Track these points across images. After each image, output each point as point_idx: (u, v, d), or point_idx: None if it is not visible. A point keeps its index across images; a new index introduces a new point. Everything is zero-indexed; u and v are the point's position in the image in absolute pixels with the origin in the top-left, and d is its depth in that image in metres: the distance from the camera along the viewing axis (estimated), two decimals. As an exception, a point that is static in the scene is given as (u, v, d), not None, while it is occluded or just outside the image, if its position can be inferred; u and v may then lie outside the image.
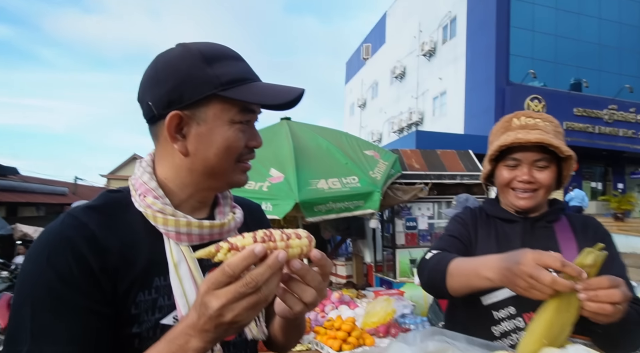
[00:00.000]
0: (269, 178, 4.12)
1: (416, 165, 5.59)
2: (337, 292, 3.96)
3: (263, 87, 0.81)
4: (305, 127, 4.98)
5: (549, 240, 1.26)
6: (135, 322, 0.73)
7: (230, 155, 0.80)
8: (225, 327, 0.61)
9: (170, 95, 0.76)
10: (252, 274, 0.60)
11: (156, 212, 0.77)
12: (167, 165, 0.82)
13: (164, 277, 0.76)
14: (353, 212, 4.09)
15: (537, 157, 1.22)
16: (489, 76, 16.99)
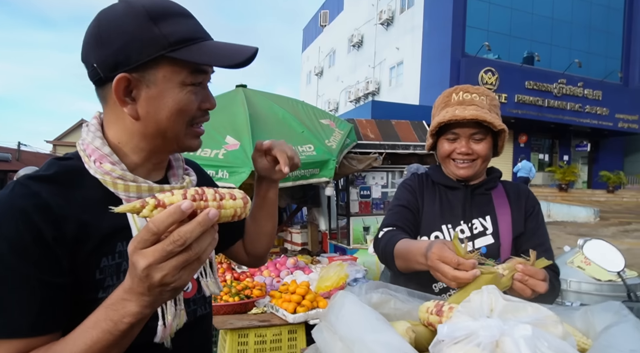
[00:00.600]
0: (224, 146, 4.06)
1: (371, 135, 5.68)
2: (292, 258, 4.05)
3: (215, 46, 0.78)
4: (261, 95, 4.90)
5: (487, 206, 1.37)
6: (100, 287, 0.73)
7: (182, 118, 0.78)
8: (157, 289, 0.58)
9: (116, 57, 0.73)
10: (179, 231, 0.55)
11: (116, 179, 0.76)
12: (119, 129, 0.80)
13: (127, 242, 0.70)
14: (309, 180, 4.14)
15: (474, 131, 1.31)
16: (445, 47, 17.18)
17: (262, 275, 3.72)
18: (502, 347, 0.47)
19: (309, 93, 30.84)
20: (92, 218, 0.74)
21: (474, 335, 0.48)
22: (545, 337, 0.47)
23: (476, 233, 1.33)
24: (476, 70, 16.69)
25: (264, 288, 3.30)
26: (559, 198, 16.35)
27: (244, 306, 3.00)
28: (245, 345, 2.72)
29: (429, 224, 1.37)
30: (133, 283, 0.59)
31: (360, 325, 0.56)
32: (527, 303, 0.54)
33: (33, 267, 0.66)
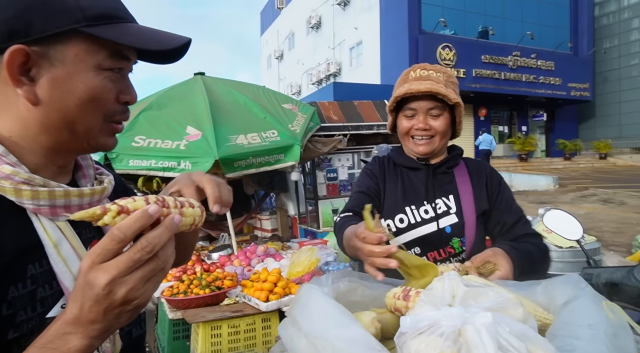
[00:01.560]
0: (185, 137, 3.94)
1: (334, 117, 5.67)
2: (263, 246, 4.02)
3: (140, 29, 0.68)
4: (220, 82, 4.77)
5: (449, 184, 1.38)
6: (10, 325, 0.58)
7: (96, 108, 0.65)
8: (117, 309, 0.50)
9: (11, 24, 0.59)
10: (147, 237, 0.50)
11: (20, 184, 0.60)
12: (9, 118, 0.64)
13: (40, 263, 0.62)
14: (273, 166, 4.09)
15: (430, 106, 1.31)
16: (403, 25, 17.28)
17: (233, 265, 3.67)
18: (464, 335, 0.46)
19: (270, 77, 30.40)
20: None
21: (437, 326, 0.48)
22: (506, 322, 0.47)
23: (440, 213, 1.34)
24: (434, 46, 16.91)
25: (235, 278, 3.27)
26: (519, 168, 16.85)
27: (216, 298, 2.96)
28: (219, 336, 2.70)
29: (392, 207, 1.37)
30: (82, 310, 0.49)
31: (324, 320, 0.55)
32: (488, 288, 0.55)
33: None
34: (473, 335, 0.45)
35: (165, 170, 3.79)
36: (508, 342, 0.45)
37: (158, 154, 3.81)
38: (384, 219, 1.37)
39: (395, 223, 1.35)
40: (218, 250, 4.33)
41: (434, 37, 17.26)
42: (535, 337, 0.47)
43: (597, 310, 0.55)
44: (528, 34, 18.82)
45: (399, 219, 1.35)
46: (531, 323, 0.51)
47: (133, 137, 3.89)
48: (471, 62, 17.62)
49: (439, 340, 0.46)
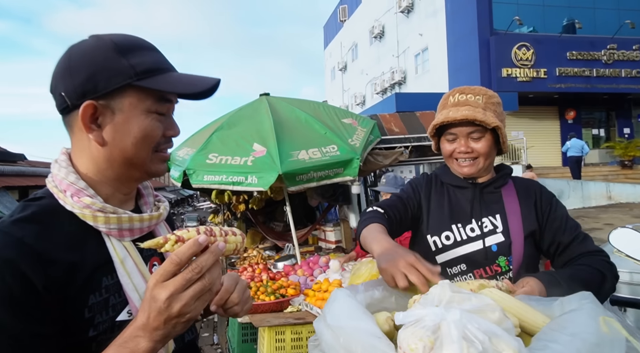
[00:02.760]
0: (252, 153, 4.24)
1: (395, 129, 5.71)
2: (325, 257, 4.19)
3: (178, 76, 0.83)
4: (283, 101, 5.06)
5: (496, 203, 1.39)
6: (90, 325, 0.73)
7: (147, 144, 0.81)
8: (174, 320, 0.63)
9: (84, 86, 0.76)
10: (197, 260, 0.64)
11: (96, 212, 0.76)
12: (85, 159, 0.81)
13: (111, 276, 0.77)
14: (333, 179, 4.25)
15: (470, 130, 1.34)
16: (472, 27, 16.35)
17: (297, 274, 3.87)
18: (441, 328, 0.57)
19: (334, 89, 30.88)
20: (76, 256, 0.73)
21: (421, 321, 0.59)
22: (476, 320, 0.57)
23: (486, 231, 1.35)
24: (508, 47, 15.69)
25: (298, 287, 3.46)
26: (621, 176, 14.82)
27: (280, 304, 3.16)
28: (283, 341, 2.89)
29: (439, 224, 1.40)
30: (149, 319, 0.63)
31: (344, 315, 0.68)
32: (472, 295, 0.64)
33: (23, 321, 0.66)
34: (446, 328, 0.56)
35: (234, 184, 4.11)
36: (474, 335, 0.55)
37: (228, 169, 4.15)
38: (430, 235, 1.41)
39: (441, 240, 1.38)
40: (283, 259, 4.57)
41: (508, 37, 15.93)
42: (501, 333, 0.56)
43: (586, 322, 0.62)
44: (627, 22, 16.24)
45: (445, 236, 1.38)
46: (506, 325, 0.60)
47: (207, 155, 4.28)
48: (554, 60, 15.92)
49: (422, 331, 0.57)
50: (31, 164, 15.68)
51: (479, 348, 0.53)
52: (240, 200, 5.97)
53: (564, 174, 14.37)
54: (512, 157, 14.88)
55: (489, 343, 0.54)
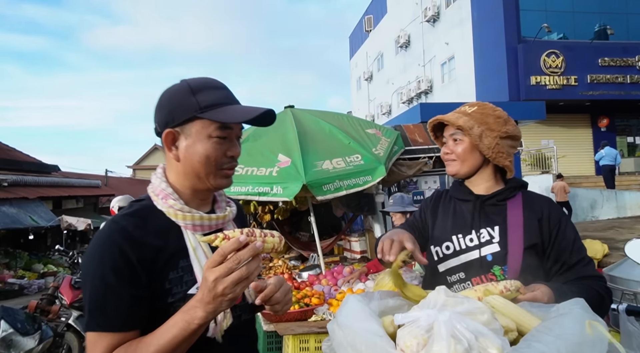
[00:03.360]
0: (277, 164, 4.36)
1: (419, 139, 5.73)
2: (349, 267, 4.23)
3: (234, 108, 1.05)
4: (307, 113, 5.18)
5: (497, 215, 1.45)
6: (169, 294, 0.98)
7: (210, 162, 1.03)
8: (219, 298, 0.83)
9: (166, 118, 1.04)
10: (237, 254, 0.83)
11: (177, 211, 1.03)
12: (172, 172, 1.09)
13: (186, 259, 1.02)
14: (362, 187, 4.30)
15: (451, 132, 1.46)
16: (499, 35, 16.14)
17: (321, 284, 3.93)
18: (434, 328, 0.63)
19: (360, 99, 30.98)
20: (161, 242, 1.00)
21: (417, 321, 0.65)
22: (465, 321, 0.63)
23: (483, 241, 1.42)
24: (536, 54, 15.38)
25: (322, 297, 3.52)
26: None
27: (304, 313, 3.23)
28: (307, 350, 2.95)
29: (441, 235, 1.49)
30: (203, 295, 0.84)
31: (353, 317, 0.76)
32: (465, 299, 0.70)
33: (124, 283, 0.93)
34: (437, 327, 0.62)
35: (260, 194, 4.22)
36: (461, 334, 0.61)
37: (254, 180, 4.27)
38: (433, 246, 1.51)
39: (442, 249, 1.48)
40: (308, 269, 4.63)
41: (536, 44, 15.65)
42: (487, 333, 0.62)
43: (571, 325, 0.66)
44: None
45: (445, 246, 1.47)
46: (493, 325, 0.65)
47: (234, 166, 4.42)
48: (585, 67, 15.54)
49: (417, 330, 0.64)
50: (64, 175, 16.43)
51: (465, 345, 0.59)
52: (265, 210, 6.09)
53: (597, 183, 13.90)
54: (542, 166, 14.54)
55: (475, 341, 0.60)
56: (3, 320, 3.43)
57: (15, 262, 11.50)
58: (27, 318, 3.71)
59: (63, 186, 14.88)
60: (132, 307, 0.94)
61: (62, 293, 4.31)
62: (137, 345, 0.91)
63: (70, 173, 17.83)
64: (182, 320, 0.88)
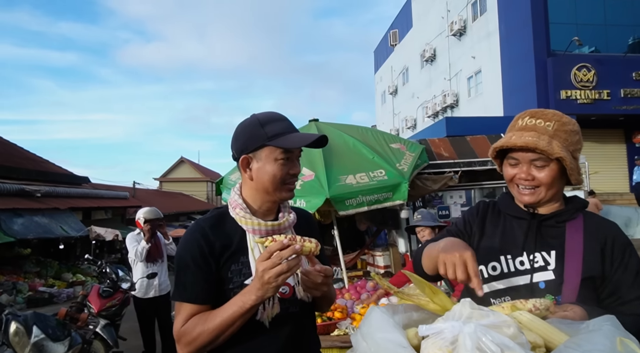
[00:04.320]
0: (301, 177, 4.40)
1: (445, 153, 5.68)
2: (372, 282, 4.19)
3: (294, 136, 1.30)
4: (331, 127, 5.21)
5: (555, 239, 1.28)
6: (230, 282, 1.27)
7: (276, 180, 1.29)
8: (266, 285, 1.11)
9: (241, 147, 1.31)
10: (280, 252, 1.10)
11: (241, 218, 1.30)
12: (246, 188, 1.36)
13: (246, 256, 1.29)
14: (383, 204, 4.29)
15: (533, 157, 1.25)
16: (527, 49, 15.86)
17: (344, 298, 3.91)
18: (459, 340, 0.63)
19: (384, 113, 30.96)
20: (228, 241, 1.29)
21: (441, 333, 0.65)
22: (491, 333, 0.62)
23: (536, 267, 1.27)
24: (567, 68, 15.00)
25: (345, 311, 3.49)
26: None
27: (327, 327, 3.21)
28: (330, 363, 2.92)
29: (488, 254, 1.33)
30: (255, 282, 1.14)
31: (376, 328, 0.76)
32: (490, 312, 0.69)
33: (199, 268, 1.25)
34: (461, 339, 0.61)
35: (284, 207, 4.26)
36: (487, 346, 0.60)
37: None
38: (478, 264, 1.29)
39: (487, 270, 1.32)
40: (331, 282, 4.60)
41: (566, 58, 15.27)
42: (513, 346, 0.60)
43: (602, 341, 0.64)
44: None
45: (491, 267, 1.32)
46: (520, 340, 0.64)
47: (258, 179, 4.48)
48: (618, 81, 15.05)
49: (442, 342, 0.63)
50: (94, 187, 16.95)
51: (491, 358, 0.59)
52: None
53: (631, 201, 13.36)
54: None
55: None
56: (35, 326, 3.54)
57: (46, 271, 11.85)
58: (58, 325, 3.82)
59: (92, 197, 15.35)
60: (204, 286, 1.25)
61: (91, 301, 4.42)
62: (207, 316, 1.21)
63: (100, 184, 18.38)
64: (240, 301, 1.16)
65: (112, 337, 4.32)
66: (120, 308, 4.67)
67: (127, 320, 5.65)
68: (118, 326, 4.71)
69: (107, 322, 4.38)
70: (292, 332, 1.32)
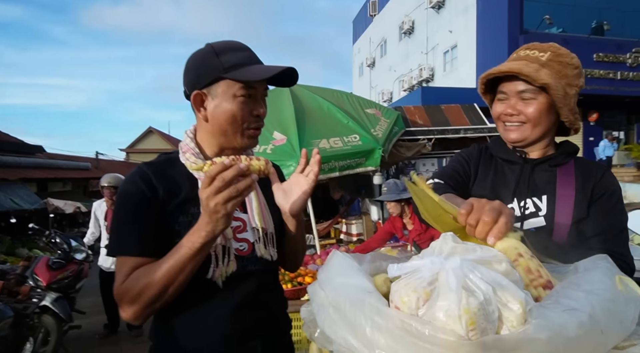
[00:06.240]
0: (272, 141, 4.22)
1: (419, 121, 5.60)
2: (344, 247, 4.13)
3: (256, 68, 1.08)
4: (306, 89, 5.01)
5: (547, 184, 1.21)
6: (178, 235, 1.04)
7: (236, 121, 1.08)
8: (214, 215, 0.91)
9: (192, 81, 1.09)
10: (222, 174, 0.89)
11: (192, 164, 1.11)
12: (201, 131, 1.16)
13: (197, 207, 1.04)
14: (355, 169, 4.19)
15: (521, 88, 1.16)
16: (502, 25, 16.07)
17: (315, 264, 3.83)
18: (439, 278, 0.50)
19: (362, 85, 30.66)
20: (176, 188, 1.09)
21: (417, 271, 0.52)
22: (479, 269, 0.49)
23: (527, 213, 1.19)
24: None
25: (315, 276, 3.41)
26: (637, 178, 14.78)
27: (297, 292, 3.12)
28: (299, 328, 2.85)
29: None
30: (202, 215, 0.93)
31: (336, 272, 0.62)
32: (477, 246, 0.56)
33: (140, 216, 1.05)
34: (443, 277, 0.49)
35: (254, 172, 4.10)
36: (475, 284, 0.48)
37: (248, 157, 4.13)
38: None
39: None
40: (302, 249, 4.53)
41: (537, 36, 15.60)
42: (507, 284, 0.48)
43: (603, 280, 0.54)
44: None
45: None
46: (513, 276, 0.52)
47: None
48: (582, 61, 15.48)
49: (417, 282, 0.51)
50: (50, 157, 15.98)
51: (480, 298, 0.46)
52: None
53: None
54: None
55: (493, 293, 0.47)
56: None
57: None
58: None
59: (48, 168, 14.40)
60: (148, 235, 1.05)
61: (38, 274, 4.08)
62: (152, 266, 1.01)
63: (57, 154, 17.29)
64: (188, 241, 0.97)
65: (65, 311, 4.02)
66: (74, 280, 4.39)
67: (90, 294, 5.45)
68: (73, 299, 4.42)
69: (59, 295, 4.06)
70: (250, 292, 1.14)
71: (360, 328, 0.50)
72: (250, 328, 1.14)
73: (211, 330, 1.10)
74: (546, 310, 0.48)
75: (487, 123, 5.79)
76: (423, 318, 0.48)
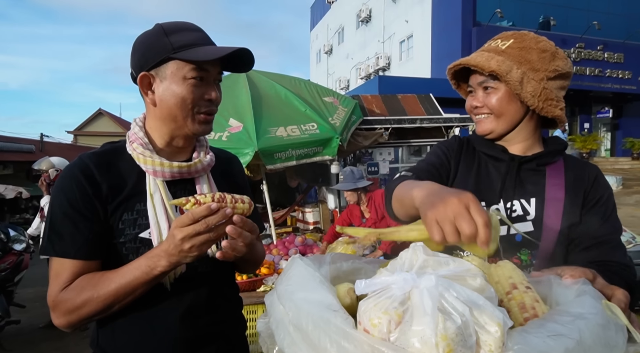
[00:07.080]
0: (228, 129, 4.08)
1: (377, 110, 5.62)
2: (301, 237, 4.10)
3: (207, 48, 1.01)
4: (263, 76, 4.88)
5: (535, 185, 1.13)
6: (122, 234, 1.00)
7: (186, 104, 1.00)
8: (184, 253, 0.87)
9: (140, 61, 1.01)
10: (207, 219, 0.86)
11: (139, 154, 1.02)
12: (149, 118, 1.07)
13: (143, 203, 1.01)
14: (312, 158, 4.14)
15: (480, 80, 1.12)
16: (456, 17, 16.51)
17: (271, 254, 3.77)
18: (412, 298, 0.46)
19: (319, 72, 30.51)
20: (120, 183, 1.01)
21: (387, 289, 0.48)
22: (455, 288, 0.46)
23: (514, 217, 1.11)
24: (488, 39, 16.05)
25: (272, 266, 3.36)
26: None
27: (253, 284, 3.06)
28: (254, 321, 2.79)
29: None
30: (169, 248, 0.88)
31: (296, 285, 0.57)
32: (449, 259, 0.53)
33: (80, 214, 0.96)
34: (417, 298, 0.45)
35: (209, 160, 3.95)
36: (451, 305, 0.44)
37: (203, 145, 3.98)
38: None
39: None
40: (258, 239, 4.46)
41: (489, 29, 16.19)
42: (484, 304, 0.45)
43: (593, 304, 0.52)
44: (594, 23, 17.15)
45: None
46: (488, 293, 0.49)
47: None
48: None
49: (388, 301, 0.46)
50: None
51: (457, 322, 0.42)
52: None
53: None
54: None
55: (470, 315, 0.44)
56: None
57: None
58: None
59: None
60: (88, 236, 0.97)
61: None
62: (99, 278, 0.94)
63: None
64: (146, 265, 0.91)
65: (2, 306, 3.77)
66: (13, 272, 4.08)
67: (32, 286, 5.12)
68: (11, 293, 4.12)
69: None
70: (200, 294, 1.07)
71: (325, 352, 0.45)
72: (203, 333, 1.07)
73: (159, 335, 1.01)
74: (528, 335, 0.45)
75: (442, 113, 5.92)
76: (396, 345, 0.44)
